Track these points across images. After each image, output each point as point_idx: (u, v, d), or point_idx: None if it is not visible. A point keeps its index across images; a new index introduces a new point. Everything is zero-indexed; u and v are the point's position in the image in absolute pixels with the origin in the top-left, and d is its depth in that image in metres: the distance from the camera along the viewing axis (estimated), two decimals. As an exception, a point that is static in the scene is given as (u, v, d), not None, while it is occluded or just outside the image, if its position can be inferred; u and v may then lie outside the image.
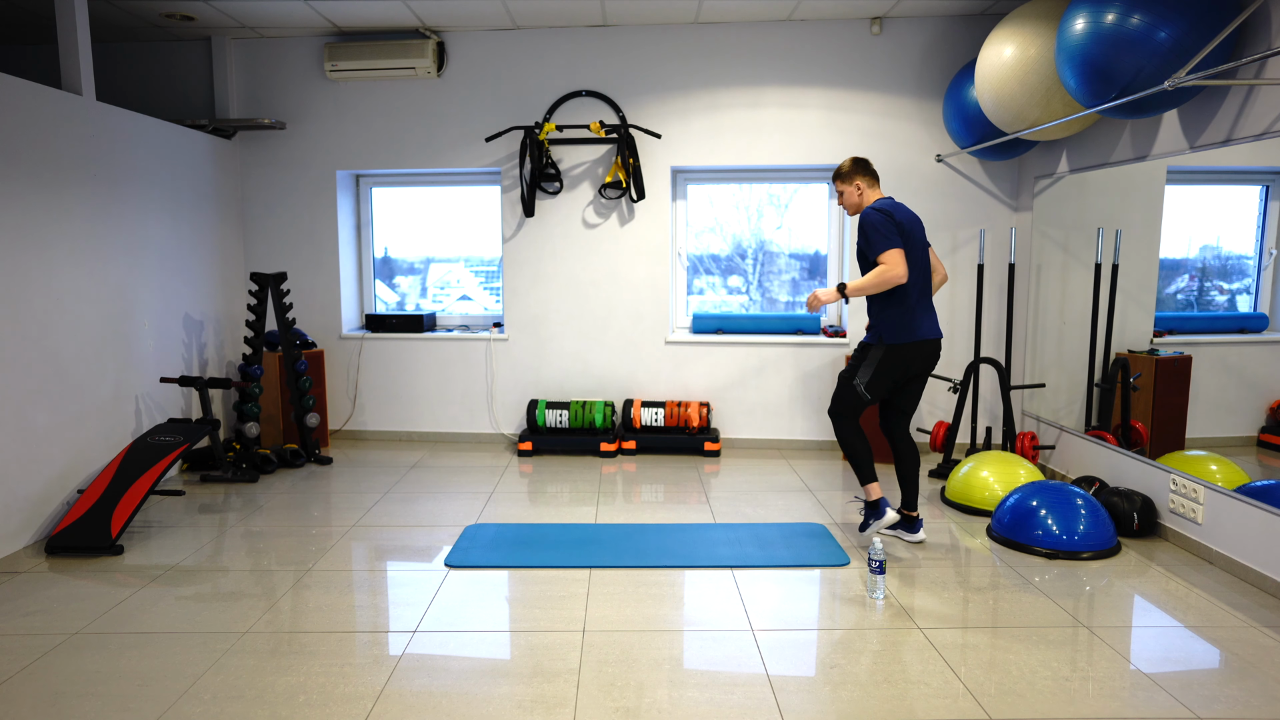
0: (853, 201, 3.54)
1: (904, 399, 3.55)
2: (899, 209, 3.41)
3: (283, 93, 5.44)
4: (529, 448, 5.28)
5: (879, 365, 3.42)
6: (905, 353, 3.41)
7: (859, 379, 3.46)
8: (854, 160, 3.53)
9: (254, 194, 5.56)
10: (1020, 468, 4.04)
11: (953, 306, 5.26)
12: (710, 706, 2.31)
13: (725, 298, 5.77)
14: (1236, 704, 2.31)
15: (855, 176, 3.51)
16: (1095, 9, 3.25)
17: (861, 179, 3.51)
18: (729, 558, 3.42)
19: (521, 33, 5.28)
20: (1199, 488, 3.41)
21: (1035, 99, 3.87)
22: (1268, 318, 3.26)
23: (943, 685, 2.41)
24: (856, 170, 3.51)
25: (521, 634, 2.77)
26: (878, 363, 3.42)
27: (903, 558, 3.44)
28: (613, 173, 5.22)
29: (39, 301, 3.74)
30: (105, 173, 4.21)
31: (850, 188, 3.52)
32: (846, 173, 3.53)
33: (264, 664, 2.56)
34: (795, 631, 2.77)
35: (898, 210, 3.40)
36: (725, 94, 5.23)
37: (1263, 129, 3.09)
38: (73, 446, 3.94)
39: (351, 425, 5.71)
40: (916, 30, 5.09)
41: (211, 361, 5.19)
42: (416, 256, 5.97)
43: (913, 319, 3.40)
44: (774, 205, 5.65)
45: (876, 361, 3.43)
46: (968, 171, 5.16)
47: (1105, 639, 2.71)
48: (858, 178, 3.51)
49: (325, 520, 3.98)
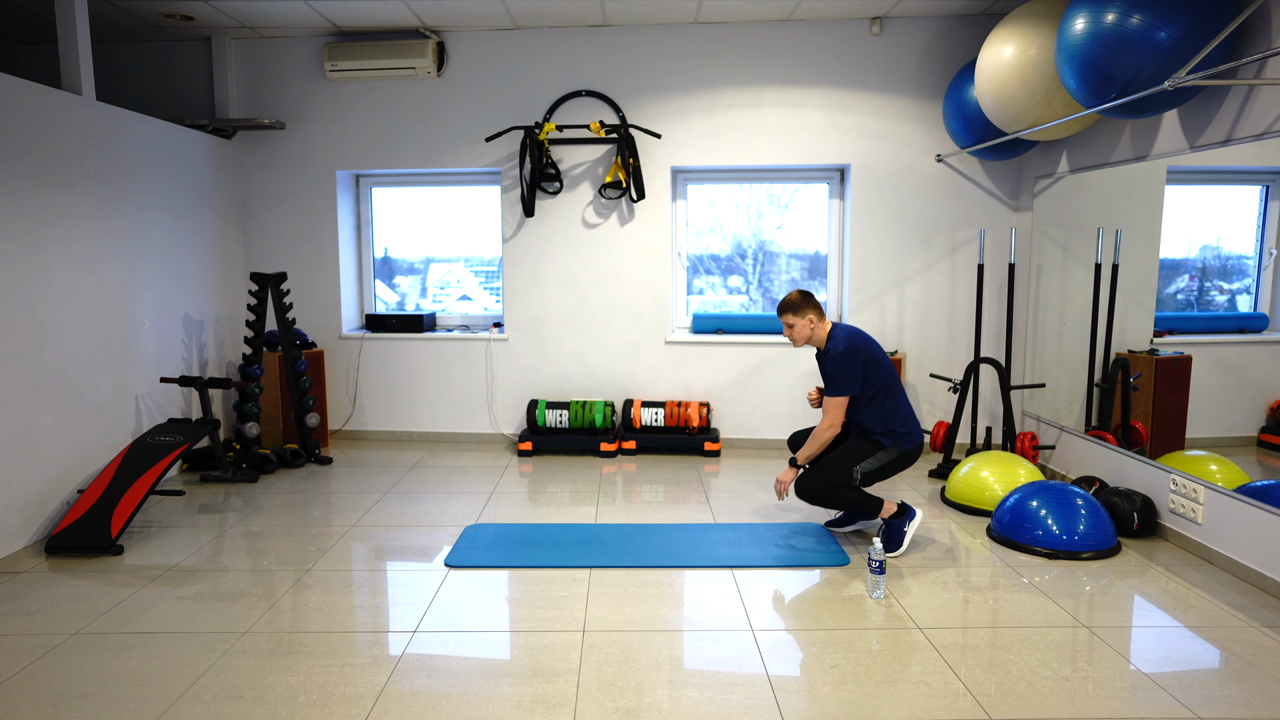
0: (804, 335, 3.51)
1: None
2: (857, 334, 3.48)
3: (283, 93, 5.44)
4: (529, 448, 5.28)
5: (887, 465, 3.50)
6: (911, 454, 3.53)
7: (863, 466, 3.47)
8: (802, 293, 3.51)
9: (254, 194, 5.56)
10: (1020, 468, 4.04)
11: (953, 306, 5.26)
12: (710, 706, 2.31)
13: (725, 298, 5.77)
14: (1236, 704, 2.31)
15: (808, 310, 3.49)
16: (1095, 9, 3.25)
17: (813, 312, 3.50)
18: (729, 558, 3.42)
19: (521, 33, 5.28)
20: (1199, 488, 3.41)
21: (1035, 99, 3.87)
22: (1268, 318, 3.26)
23: (943, 685, 2.41)
24: (807, 303, 3.49)
25: (521, 634, 2.77)
26: (887, 463, 3.50)
27: (903, 558, 3.44)
28: (613, 173, 5.22)
29: (39, 301, 3.74)
30: (105, 173, 4.21)
31: (803, 321, 3.49)
32: (798, 305, 3.48)
33: (264, 664, 2.56)
34: (795, 631, 2.77)
35: (857, 337, 3.46)
36: (725, 94, 5.23)
37: (1263, 129, 3.09)
38: (73, 446, 3.94)
39: (351, 425, 5.71)
40: (916, 30, 5.09)
41: (211, 361, 5.19)
42: (416, 256, 5.97)
43: (917, 424, 3.54)
44: (774, 205, 5.65)
45: (886, 461, 3.50)
46: (968, 171, 5.16)
47: (1105, 639, 2.71)
48: (810, 311, 3.49)
49: (325, 520, 3.98)
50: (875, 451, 3.48)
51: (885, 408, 3.47)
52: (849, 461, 3.47)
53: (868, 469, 3.48)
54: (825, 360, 3.51)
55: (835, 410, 3.46)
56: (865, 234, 5.25)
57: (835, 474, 3.46)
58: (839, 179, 5.46)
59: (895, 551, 3.43)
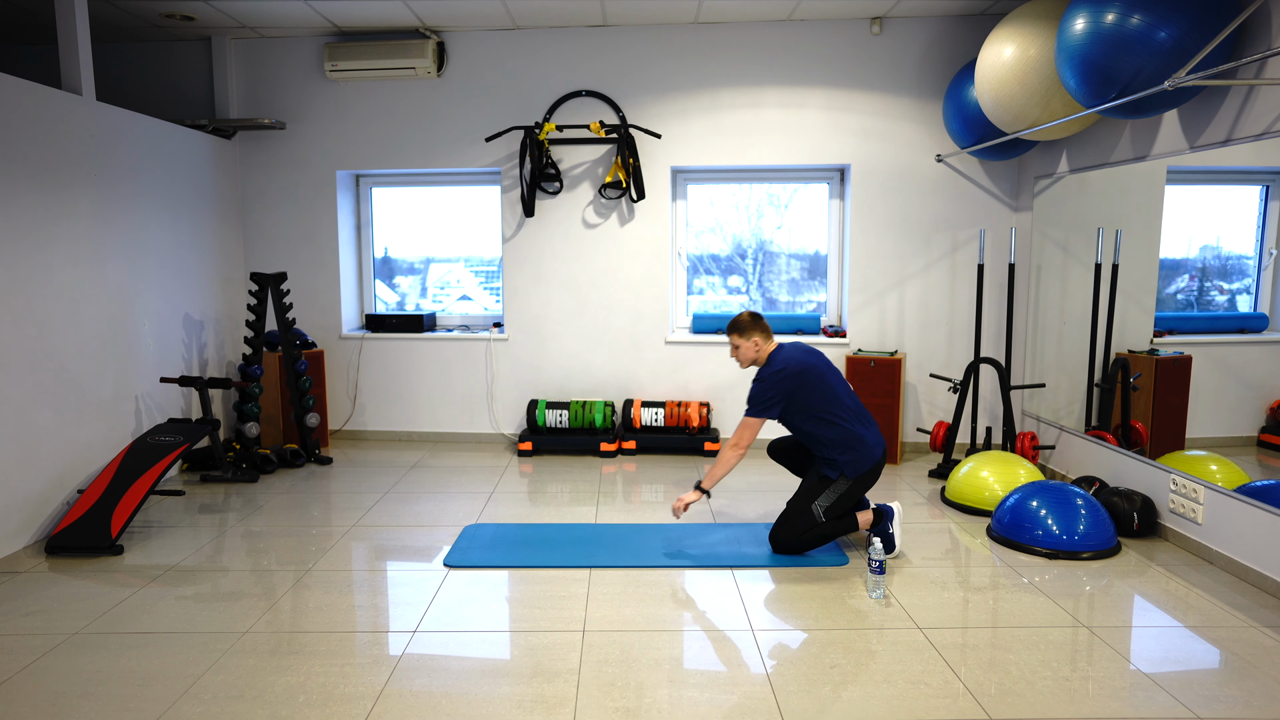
0: (749, 356, 3.47)
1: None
2: (793, 359, 3.37)
3: (283, 93, 5.44)
4: (529, 448, 5.28)
5: (843, 494, 3.41)
6: (866, 477, 3.42)
7: (819, 503, 3.40)
8: (752, 315, 3.47)
9: (254, 194, 5.56)
10: (1020, 468, 4.04)
11: (953, 306, 5.26)
12: (710, 706, 2.31)
13: (725, 298, 5.77)
14: (1236, 704, 2.31)
15: (754, 332, 3.44)
16: (1095, 9, 3.25)
17: (759, 334, 3.45)
18: (729, 558, 3.42)
19: (521, 33, 5.28)
20: (1199, 488, 3.41)
21: (1035, 99, 3.87)
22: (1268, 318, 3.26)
23: (943, 685, 2.41)
24: (756, 325, 3.45)
25: (521, 634, 2.77)
26: (841, 493, 3.41)
27: (903, 558, 3.44)
28: (613, 173, 5.22)
29: (39, 301, 3.74)
30: (105, 173, 4.21)
31: (748, 343, 3.45)
32: (745, 327, 3.44)
33: (264, 664, 2.56)
34: (795, 631, 2.77)
35: (793, 361, 3.36)
36: (725, 94, 5.23)
37: (1263, 129, 3.09)
38: (73, 446, 3.94)
39: (351, 425, 5.71)
40: (916, 30, 5.09)
41: (211, 361, 5.19)
42: (416, 256, 5.97)
43: (863, 446, 3.39)
44: (774, 205, 5.65)
45: (840, 492, 3.41)
46: (968, 171, 5.16)
47: (1105, 639, 2.71)
48: (756, 333, 3.44)
49: (325, 520, 3.98)
50: (826, 486, 3.41)
51: (823, 435, 3.38)
52: (805, 503, 3.41)
53: (826, 504, 3.40)
54: (753, 381, 3.44)
55: (743, 430, 3.36)
56: (865, 234, 5.25)
57: (800, 519, 3.41)
58: (839, 179, 5.46)
59: (893, 552, 3.43)
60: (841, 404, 3.40)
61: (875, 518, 3.48)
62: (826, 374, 3.42)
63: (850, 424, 3.39)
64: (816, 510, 3.40)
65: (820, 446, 3.42)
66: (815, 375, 3.38)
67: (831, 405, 3.38)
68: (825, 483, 3.42)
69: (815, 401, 3.36)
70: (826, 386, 3.39)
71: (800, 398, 3.36)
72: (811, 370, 3.38)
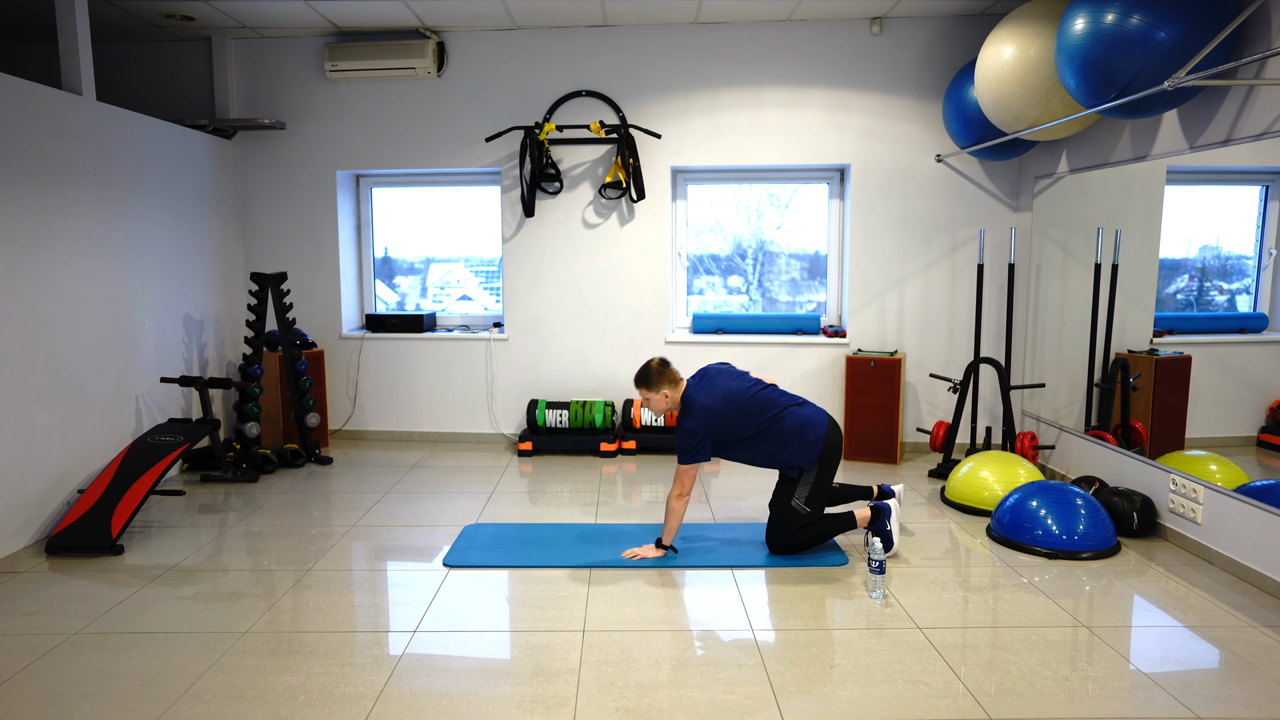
0: (661, 407, 3.43)
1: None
2: (707, 406, 3.30)
3: (283, 93, 5.45)
4: (529, 448, 5.28)
5: (814, 483, 3.41)
6: (825, 457, 3.39)
7: (796, 499, 3.41)
8: (659, 363, 3.42)
9: (254, 194, 5.56)
10: (1020, 468, 4.04)
11: (953, 306, 5.26)
12: (710, 706, 2.31)
13: (725, 298, 5.77)
14: (1236, 704, 2.31)
15: (663, 384, 3.40)
16: (1095, 9, 3.25)
17: (668, 385, 3.40)
18: (729, 558, 3.42)
19: (521, 33, 5.28)
20: (1199, 488, 3.41)
21: (1035, 99, 3.87)
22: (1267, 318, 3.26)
23: (943, 685, 2.41)
24: (663, 376, 3.40)
25: (521, 634, 2.77)
26: (812, 483, 3.41)
27: (903, 558, 3.44)
28: (613, 173, 5.22)
29: (39, 301, 3.74)
30: (105, 173, 4.21)
31: (658, 395, 3.41)
32: (653, 381, 3.40)
33: (264, 664, 2.56)
34: (795, 631, 2.77)
35: (708, 408, 3.30)
36: (725, 94, 5.23)
37: (1263, 129, 3.09)
38: (73, 446, 3.94)
39: (351, 425, 5.71)
40: (916, 30, 5.09)
41: (212, 361, 5.19)
42: (416, 256, 5.97)
43: (804, 431, 3.36)
44: (774, 205, 5.65)
45: (810, 483, 3.41)
46: (968, 171, 5.16)
47: (1105, 639, 2.71)
48: (664, 385, 3.40)
49: (325, 520, 3.98)
50: (795, 485, 3.41)
51: (763, 450, 3.38)
52: (785, 505, 3.41)
53: (803, 498, 3.40)
54: (676, 430, 3.38)
55: (683, 478, 3.31)
56: (865, 234, 5.25)
57: (786, 522, 3.40)
58: (839, 179, 5.46)
59: (892, 549, 3.43)
60: (764, 410, 3.37)
61: (874, 515, 3.47)
62: (739, 397, 3.37)
63: (781, 422, 3.36)
64: (798, 506, 3.40)
65: (768, 458, 3.42)
66: (733, 408, 3.34)
67: (757, 419, 3.36)
68: (792, 483, 3.43)
69: (742, 425, 3.36)
70: (745, 408, 3.36)
71: (729, 431, 3.35)
72: (729, 405, 3.34)
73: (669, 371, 3.42)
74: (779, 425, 3.36)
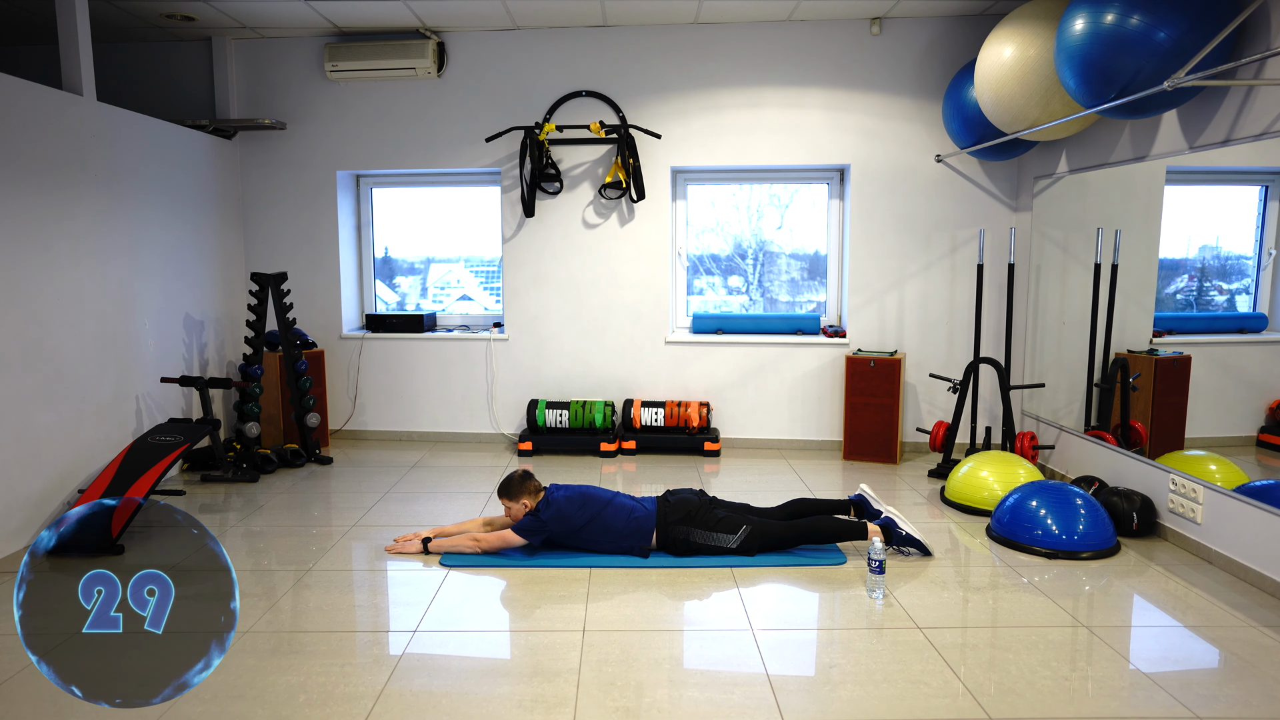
0: (520, 515, 3.48)
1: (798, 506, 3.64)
2: (553, 508, 3.40)
3: (283, 93, 5.45)
4: (529, 447, 5.28)
5: (716, 516, 3.44)
6: (671, 515, 3.43)
7: (720, 539, 3.41)
8: (523, 474, 3.52)
9: (254, 194, 5.56)
10: (1020, 468, 4.04)
11: (952, 306, 5.26)
12: (710, 706, 2.31)
13: (725, 298, 5.77)
14: (1236, 704, 2.32)
15: (524, 494, 3.47)
16: (1095, 9, 3.25)
17: (528, 496, 3.48)
18: (729, 557, 3.42)
19: (521, 33, 5.28)
20: (1198, 488, 3.41)
21: (1035, 99, 3.87)
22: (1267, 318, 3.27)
23: (943, 685, 2.42)
24: (524, 487, 3.48)
25: (521, 634, 2.77)
26: (714, 519, 3.43)
27: (903, 558, 3.44)
28: (613, 173, 5.23)
29: (40, 301, 3.74)
30: (106, 173, 4.21)
31: (518, 505, 3.47)
32: (515, 489, 3.48)
33: (264, 664, 2.56)
34: (795, 631, 2.77)
35: (552, 507, 3.40)
36: (725, 94, 5.23)
37: (1262, 129, 3.09)
38: (73, 446, 3.94)
39: (352, 425, 5.71)
40: (916, 30, 5.09)
41: (212, 361, 5.20)
42: (416, 256, 5.97)
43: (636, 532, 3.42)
44: (774, 205, 5.65)
45: (711, 521, 3.43)
46: (967, 171, 5.16)
47: (1105, 639, 2.71)
48: (525, 495, 3.47)
49: (325, 520, 3.99)
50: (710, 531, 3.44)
51: (610, 532, 3.41)
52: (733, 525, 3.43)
53: (726, 529, 3.42)
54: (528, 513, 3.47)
55: (510, 539, 3.39)
56: (865, 234, 5.26)
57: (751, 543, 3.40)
58: (839, 179, 5.46)
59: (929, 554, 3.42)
60: (602, 510, 3.43)
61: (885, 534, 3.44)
62: (582, 503, 3.44)
63: (618, 520, 3.43)
64: (728, 542, 3.40)
65: (628, 536, 3.43)
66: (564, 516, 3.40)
67: (594, 512, 3.42)
68: (713, 548, 3.42)
69: (583, 514, 3.42)
70: (587, 505, 3.44)
71: (564, 521, 3.40)
72: (565, 512, 3.41)
73: (532, 482, 3.54)
74: (611, 528, 3.42)
